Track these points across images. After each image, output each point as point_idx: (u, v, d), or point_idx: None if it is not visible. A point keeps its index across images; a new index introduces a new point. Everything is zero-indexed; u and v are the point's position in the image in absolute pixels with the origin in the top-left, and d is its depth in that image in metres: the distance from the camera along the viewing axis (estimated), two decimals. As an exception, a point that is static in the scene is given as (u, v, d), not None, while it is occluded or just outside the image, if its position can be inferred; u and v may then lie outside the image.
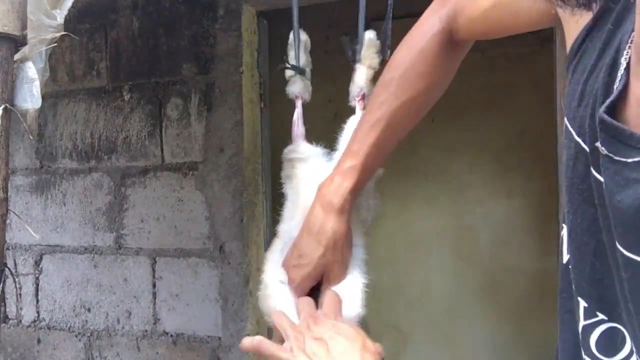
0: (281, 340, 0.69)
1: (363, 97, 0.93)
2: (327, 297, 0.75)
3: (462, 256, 3.02)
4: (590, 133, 0.45)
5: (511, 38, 0.74)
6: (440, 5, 0.76)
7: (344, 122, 0.92)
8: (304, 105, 0.97)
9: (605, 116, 0.41)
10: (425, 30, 0.76)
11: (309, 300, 0.75)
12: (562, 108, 1.76)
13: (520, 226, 2.95)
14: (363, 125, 0.77)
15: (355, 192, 0.77)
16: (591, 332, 0.47)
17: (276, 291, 0.81)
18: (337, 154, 0.89)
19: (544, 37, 2.38)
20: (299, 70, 0.96)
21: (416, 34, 0.77)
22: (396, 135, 0.78)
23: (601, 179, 0.43)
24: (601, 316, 0.46)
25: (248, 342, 0.69)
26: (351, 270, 0.82)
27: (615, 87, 0.43)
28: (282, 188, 0.93)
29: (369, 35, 0.95)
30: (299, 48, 0.96)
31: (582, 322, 0.48)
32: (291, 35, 0.97)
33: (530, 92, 2.81)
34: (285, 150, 0.93)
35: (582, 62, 0.49)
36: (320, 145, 0.93)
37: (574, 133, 0.49)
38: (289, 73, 0.97)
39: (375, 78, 0.89)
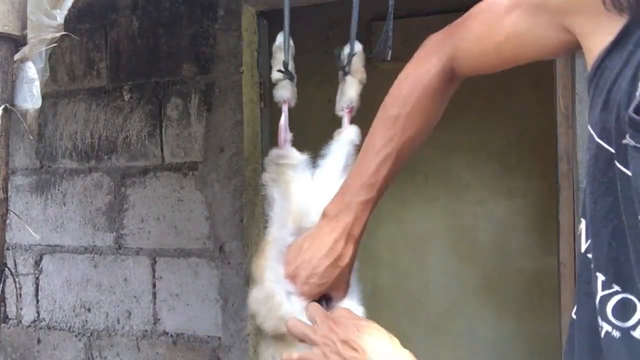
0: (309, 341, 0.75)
1: (351, 110, 0.96)
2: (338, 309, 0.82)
3: (462, 256, 3.02)
4: (615, 133, 0.54)
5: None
6: (438, 46, 0.83)
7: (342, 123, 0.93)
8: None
9: (634, 115, 0.51)
10: (427, 69, 0.82)
11: (317, 305, 0.81)
12: (561, 108, 1.77)
13: (520, 226, 2.95)
14: (375, 158, 0.83)
15: (368, 221, 0.85)
16: (608, 301, 0.56)
17: (285, 300, 0.84)
18: (326, 162, 0.92)
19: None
20: (290, 76, 0.97)
21: (417, 72, 0.83)
22: (400, 166, 0.85)
23: (626, 170, 0.52)
24: (616, 288, 0.55)
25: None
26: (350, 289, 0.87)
27: (637, 93, 0.52)
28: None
29: (359, 48, 0.96)
30: (288, 53, 0.97)
31: (600, 294, 0.57)
32: (278, 39, 0.97)
33: (530, 92, 2.81)
34: (273, 155, 0.95)
35: (604, 77, 0.58)
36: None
37: (595, 136, 0.58)
38: (276, 77, 0.97)
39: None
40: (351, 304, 0.85)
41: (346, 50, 0.97)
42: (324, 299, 0.86)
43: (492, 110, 2.89)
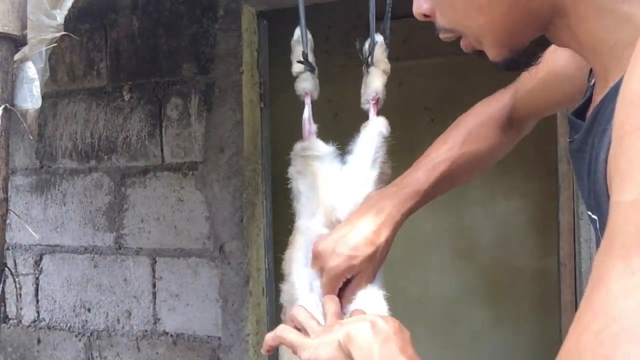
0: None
1: (377, 101, 0.93)
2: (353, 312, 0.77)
3: (462, 256, 3.02)
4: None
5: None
6: (505, 90, 0.96)
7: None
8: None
9: (571, 116, 0.63)
10: (492, 104, 0.95)
11: (336, 300, 0.76)
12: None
13: (520, 226, 2.95)
14: (431, 161, 0.89)
15: (411, 214, 0.87)
16: None
17: (304, 295, 0.82)
18: (352, 157, 0.90)
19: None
20: (311, 67, 0.95)
21: (483, 105, 0.96)
22: (452, 180, 0.91)
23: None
24: None
25: (270, 337, 0.69)
26: (376, 280, 0.84)
27: (585, 97, 0.62)
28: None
29: (379, 39, 0.94)
30: (307, 45, 0.95)
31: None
32: (296, 32, 0.95)
33: (530, 92, 2.81)
34: (298, 147, 0.92)
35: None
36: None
37: None
38: (297, 69, 0.95)
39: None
40: (373, 291, 0.82)
41: (367, 42, 0.95)
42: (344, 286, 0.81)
43: (492, 110, 2.89)
